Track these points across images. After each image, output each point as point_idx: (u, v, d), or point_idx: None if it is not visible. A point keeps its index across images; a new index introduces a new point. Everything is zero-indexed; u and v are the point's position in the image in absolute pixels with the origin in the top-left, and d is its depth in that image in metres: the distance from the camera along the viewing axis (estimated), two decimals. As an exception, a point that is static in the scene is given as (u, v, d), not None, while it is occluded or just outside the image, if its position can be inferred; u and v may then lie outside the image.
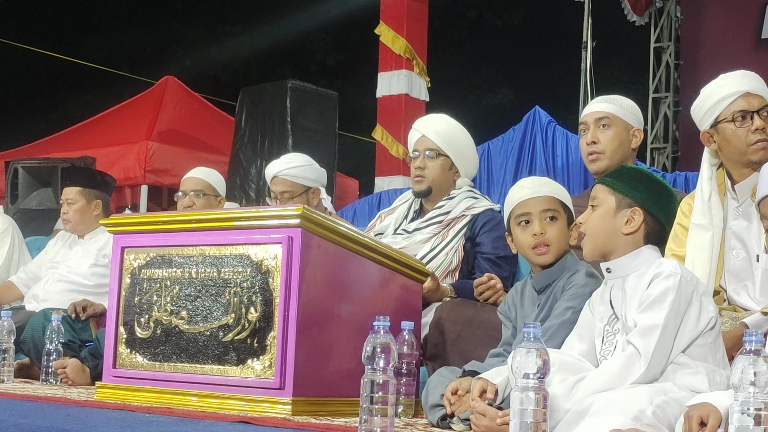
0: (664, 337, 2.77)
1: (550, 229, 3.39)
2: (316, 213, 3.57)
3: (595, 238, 3.03)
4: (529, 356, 2.43)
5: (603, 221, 3.01)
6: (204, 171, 5.74)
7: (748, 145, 3.50)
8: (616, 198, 3.01)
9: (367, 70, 12.58)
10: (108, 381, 3.86)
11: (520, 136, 5.45)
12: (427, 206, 4.56)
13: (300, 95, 8.69)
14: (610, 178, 3.08)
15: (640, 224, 2.97)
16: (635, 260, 2.96)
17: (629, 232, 2.97)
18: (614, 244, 2.99)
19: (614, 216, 2.99)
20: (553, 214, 3.39)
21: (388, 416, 2.69)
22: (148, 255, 3.82)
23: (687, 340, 2.82)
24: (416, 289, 3.95)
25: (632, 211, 2.98)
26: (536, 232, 3.39)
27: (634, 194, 3.00)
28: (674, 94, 11.67)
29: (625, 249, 2.98)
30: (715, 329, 2.87)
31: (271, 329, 3.44)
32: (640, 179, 3.03)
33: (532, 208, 3.41)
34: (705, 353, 2.84)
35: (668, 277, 2.83)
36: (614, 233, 2.99)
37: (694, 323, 2.82)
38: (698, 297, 2.84)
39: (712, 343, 2.85)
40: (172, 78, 11.18)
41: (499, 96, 18.71)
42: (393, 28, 9.98)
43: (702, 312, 2.84)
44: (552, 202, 3.41)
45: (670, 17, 11.79)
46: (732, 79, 3.60)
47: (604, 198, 3.04)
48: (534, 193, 3.42)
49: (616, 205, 3.00)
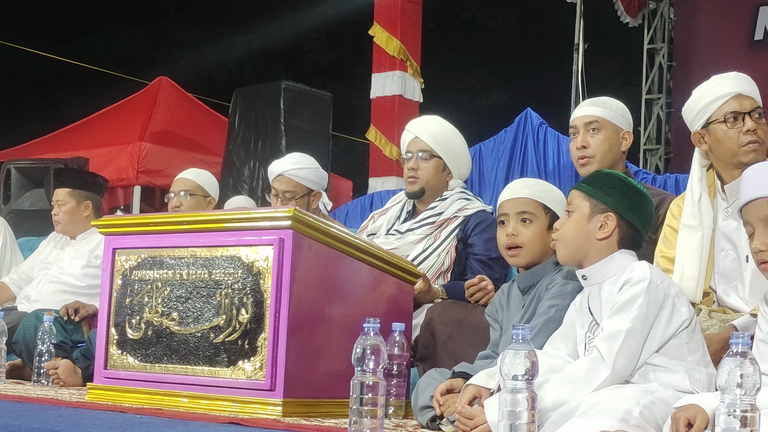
0: (630, 341, 2.79)
1: (524, 231, 3.39)
2: (307, 214, 3.58)
3: (568, 244, 3.04)
4: (518, 358, 2.44)
5: (577, 227, 3.02)
6: (193, 171, 5.75)
7: (740, 147, 3.51)
8: (590, 203, 3.02)
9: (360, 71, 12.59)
10: (99, 382, 3.87)
11: (511, 138, 5.46)
12: (419, 207, 4.57)
13: (294, 96, 8.70)
14: (584, 183, 3.10)
15: (613, 229, 2.99)
16: (609, 266, 2.98)
17: (602, 237, 2.99)
18: (588, 249, 3.01)
19: (588, 221, 3.00)
20: (527, 216, 3.40)
21: (377, 417, 2.70)
22: (139, 256, 3.83)
23: (658, 342, 2.84)
24: (407, 290, 3.95)
25: (605, 216, 2.99)
26: (508, 233, 3.41)
27: (608, 199, 3.00)
28: (667, 96, 11.69)
29: (599, 254, 3.00)
30: (691, 328, 2.88)
31: (262, 331, 3.45)
32: (613, 184, 3.03)
33: (509, 209, 3.44)
34: (683, 352, 2.86)
35: (637, 283, 2.85)
36: (588, 239, 3.00)
37: (665, 326, 2.84)
38: (670, 300, 2.86)
39: (688, 342, 2.87)
40: (165, 78, 11.17)
41: (493, 97, 18.71)
42: (387, 29, 9.98)
43: (674, 314, 2.86)
44: (529, 204, 3.41)
45: (664, 19, 11.81)
46: (724, 81, 3.60)
47: (578, 203, 3.04)
48: (513, 194, 3.45)
49: (590, 211, 3.01)
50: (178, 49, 18.71)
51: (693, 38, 11.38)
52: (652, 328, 2.83)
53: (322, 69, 18.58)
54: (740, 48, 10.72)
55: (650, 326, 2.82)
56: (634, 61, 12.46)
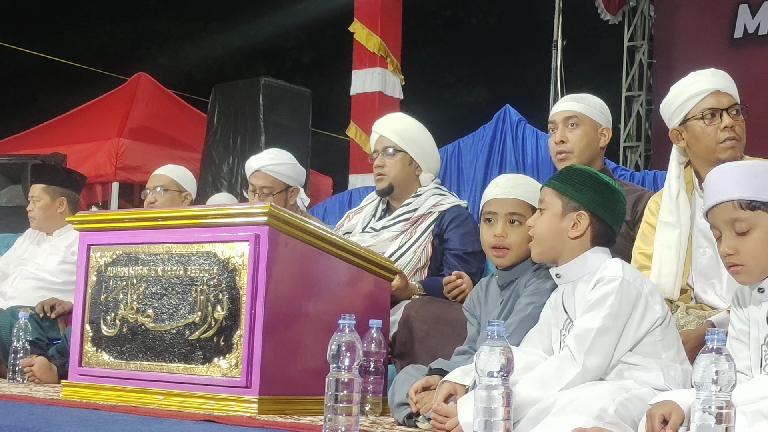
0: (601, 339, 2.78)
1: (512, 233, 3.35)
2: (283, 211, 3.56)
3: (542, 242, 3.02)
4: (493, 354, 2.42)
5: (550, 225, 3.00)
6: (168, 167, 5.73)
7: (717, 143, 3.51)
8: (562, 201, 2.99)
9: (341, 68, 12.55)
10: (74, 379, 3.84)
11: (490, 134, 5.46)
12: (394, 204, 4.56)
13: (273, 92, 8.67)
14: (556, 180, 3.06)
15: (586, 228, 2.97)
16: (583, 264, 2.97)
17: (575, 236, 2.97)
18: (562, 247, 2.99)
19: (561, 220, 2.98)
20: (517, 218, 3.35)
21: (352, 415, 2.68)
22: (114, 252, 3.80)
23: (632, 340, 2.83)
24: (385, 287, 3.94)
25: (578, 214, 2.97)
26: (497, 233, 3.36)
27: (580, 197, 2.98)
28: (647, 93, 11.71)
29: (573, 253, 2.98)
30: (664, 325, 2.88)
31: (238, 327, 3.43)
32: (584, 182, 3.01)
33: (498, 209, 3.38)
34: (657, 350, 2.86)
35: (609, 282, 2.84)
36: (561, 237, 2.98)
37: (638, 324, 2.83)
38: (643, 298, 2.85)
39: (662, 340, 2.87)
40: (144, 75, 11.12)
41: (474, 94, 18.72)
42: (367, 25, 9.96)
43: (647, 312, 2.85)
44: (519, 205, 3.36)
45: (644, 16, 11.83)
46: (702, 77, 3.61)
47: (550, 201, 3.02)
48: (503, 194, 3.39)
49: (563, 209, 2.99)
50: (158, 46, 18.64)
51: (673, 36, 11.41)
52: (625, 326, 2.82)
53: (303, 66, 18.54)
54: (720, 46, 10.76)
55: (623, 324, 2.81)
56: (614, 59, 12.48)
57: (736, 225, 2.65)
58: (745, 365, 2.70)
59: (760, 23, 10.64)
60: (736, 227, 2.65)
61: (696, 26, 11.09)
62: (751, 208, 2.64)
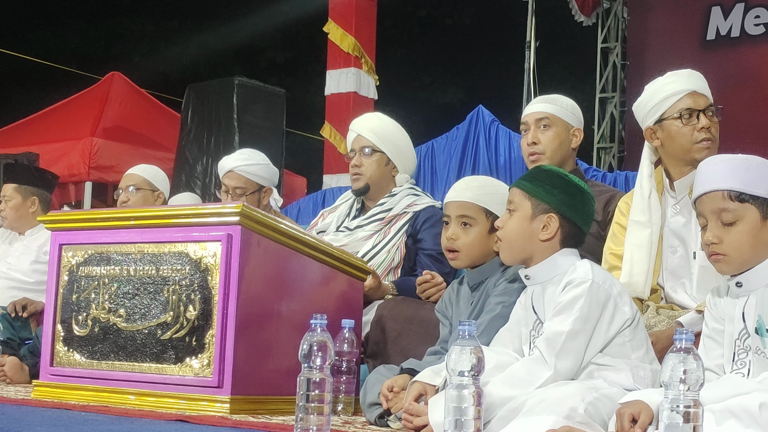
0: (571, 342, 2.79)
1: (463, 235, 3.37)
2: (256, 210, 3.56)
3: (512, 245, 3.02)
4: (464, 354, 2.43)
5: (519, 227, 2.99)
6: (141, 167, 5.72)
7: (693, 143, 3.54)
8: (532, 203, 2.99)
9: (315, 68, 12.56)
10: (45, 379, 3.82)
11: (463, 135, 5.47)
12: (368, 204, 4.57)
13: (247, 92, 8.64)
14: (525, 181, 3.05)
15: (556, 230, 2.97)
16: (552, 266, 2.97)
17: (546, 238, 2.97)
18: (532, 249, 2.99)
19: (530, 222, 2.98)
20: (467, 221, 3.37)
21: (324, 414, 2.68)
22: (86, 252, 3.79)
23: (602, 342, 2.84)
24: (358, 287, 3.95)
25: (548, 217, 2.96)
26: (448, 236, 3.39)
27: (549, 199, 2.98)
28: (621, 94, 11.75)
29: (543, 254, 2.98)
30: (633, 326, 2.89)
31: (210, 327, 3.43)
32: (554, 183, 3.00)
33: (450, 211, 3.42)
34: (626, 351, 2.87)
35: (579, 284, 2.84)
36: (531, 239, 2.98)
37: (607, 326, 2.84)
38: (612, 300, 2.86)
39: (631, 340, 2.88)
40: (117, 74, 11.05)
41: (449, 95, 18.74)
42: (341, 25, 9.95)
43: (616, 314, 2.86)
44: (470, 208, 3.38)
45: (617, 18, 11.87)
46: (678, 78, 3.64)
47: (520, 203, 3.01)
48: (456, 197, 3.42)
49: (532, 211, 2.98)
50: (132, 45, 18.55)
51: (646, 37, 11.45)
52: (594, 328, 2.83)
53: (277, 66, 18.51)
54: (693, 48, 10.80)
55: (592, 327, 2.83)
56: (588, 60, 12.51)
57: (722, 215, 2.68)
58: (716, 363, 2.73)
59: (732, 25, 10.69)
60: (723, 217, 2.68)
61: (669, 28, 11.14)
62: (740, 200, 2.66)
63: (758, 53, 10.38)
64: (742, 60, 10.33)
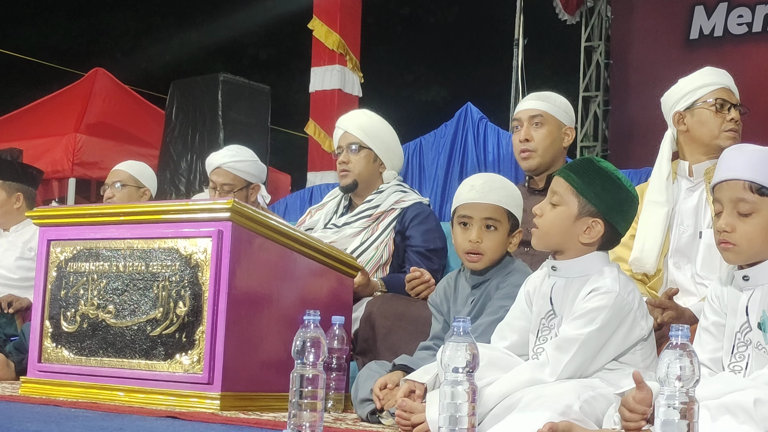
0: (583, 352, 2.76)
1: (487, 238, 3.30)
2: (246, 206, 3.55)
3: (548, 237, 2.94)
4: (459, 350, 2.42)
5: (561, 223, 2.90)
6: (128, 163, 5.72)
7: (722, 131, 3.67)
8: (579, 202, 2.89)
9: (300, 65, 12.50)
10: (33, 375, 3.81)
11: (452, 132, 5.47)
12: (356, 201, 4.57)
13: (232, 89, 8.61)
14: (576, 176, 2.92)
15: (599, 235, 2.89)
16: (583, 265, 2.91)
17: (587, 242, 2.90)
18: (567, 246, 2.92)
19: (574, 221, 2.89)
20: (493, 224, 3.30)
21: (317, 411, 2.67)
22: (75, 248, 3.77)
23: (613, 353, 2.83)
24: (347, 283, 3.95)
25: (594, 221, 2.88)
26: (472, 239, 3.30)
27: (599, 203, 2.88)
28: (604, 93, 11.78)
29: (576, 251, 2.91)
30: (648, 340, 2.88)
31: (200, 324, 3.42)
32: (606, 186, 2.89)
33: (474, 213, 3.32)
34: (636, 359, 2.86)
35: (604, 295, 2.80)
36: (570, 237, 2.90)
37: (622, 340, 2.82)
38: (632, 314, 2.82)
39: (642, 349, 2.87)
40: (101, 70, 11.01)
41: (432, 92, 18.73)
42: (326, 23, 9.93)
43: (633, 328, 2.83)
44: (495, 211, 3.31)
45: (601, 17, 11.90)
46: (716, 72, 3.80)
47: (566, 198, 2.91)
48: (479, 198, 3.32)
49: (578, 211, 2.89)
50: (114, 41, 18.47)
51: (630, 37, 11.48)
52: (609, 340, 2.80)
53: (261, 63, 18.46)
54: (676, 47, 10.85)
55: (607, 338, 2.79)
56: (571, 59, 12.53)
57: (740, 205, 2.69)
58: (710, 357, 2.75)
59: (715, 25, 10.74)
60: (740, 207, 2.69)
61: (652, 27, 11.17)
62: (760, 193, 2.67)
63: (741, 53, 10.42)
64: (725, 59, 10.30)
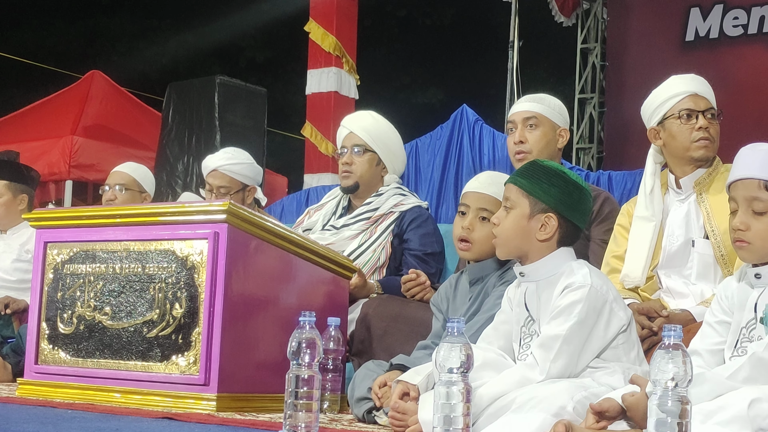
0: (567, 346, 2.79)
1: (479, 229, 3.39)
2: (242, 208, 3.56)
3: (508, 243, 2.99)
4: (453, 351, 2.44)
5: (516, 226, 2.96)
6: (131, 166, 5.71)
7: (691, 142, 3.64)
8: (530, 201, 2.95)
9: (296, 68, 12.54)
10: (30, 377, 3.82)
11: (447, 134, 5.47)
12: (355, 202, 4.58)
13: (228, 91, 8.62)
14: (522, 178, 3.00)
15: (555, 230, 2.94)
16: (548, 265, 2.94)
17: (544, 238, 2.94)
18: (528, 248, 2.96)
19: (528, 221, 2.95)
20: (487, 215, 3.36)
21: (312, 411, 2.68)
22: (71, 250, 3.78)
23: (597, 347, 2.85)
24: (343, 285, 3.96)
25: (546, 216, 2.93)
26: (464, 225, 3.40)
27: (548, 198, 2.94)
28: (600, 95, 11.78)
29: (539, 253, 2.96)
30: (628, 331, 2.90)
31: (196, 325, 3.43)
32: (552, 181, 2.95)
33: (471, 202, 3.43)
34: (618, 354, 2.88)
35: (577, 289, 2.83)
36: (528, 238, 2.95)
37: (603, 332, 2.85)
38: (608, 306, 2.86)
39: (624, 343, 2.89)
40: (98, 72, 11.00)
41: (429, 95, 18.75)
42: (322, 25, 9.94)
43: (612, 319, 2.86)
44: (491, 203, 3.38)
45: (597, 19, 11.91)
46: (681, 80, 3.76)
47: (517, 200, 2.98)
48: (479, 188, 3.44)
49: (530, 210, 2.95)
50: (111, 44, 18.48)
51: (626, 39, 11.49)
52: (591, 333, 2.83)
53: (258, 65, 18.46)
54: (672, 49, 10.86)
55: (588, 331, 2.82)
56: (567, 61, 12.55)
57: (754, 204, 2.71)
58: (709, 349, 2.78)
59: (710, 27, 10.75)
60: (754, 206, 2.71)
61: (648, 29, 11.18)
62: None
63: (736, 54, 10.44)
64: (721, 61, 10.38)
